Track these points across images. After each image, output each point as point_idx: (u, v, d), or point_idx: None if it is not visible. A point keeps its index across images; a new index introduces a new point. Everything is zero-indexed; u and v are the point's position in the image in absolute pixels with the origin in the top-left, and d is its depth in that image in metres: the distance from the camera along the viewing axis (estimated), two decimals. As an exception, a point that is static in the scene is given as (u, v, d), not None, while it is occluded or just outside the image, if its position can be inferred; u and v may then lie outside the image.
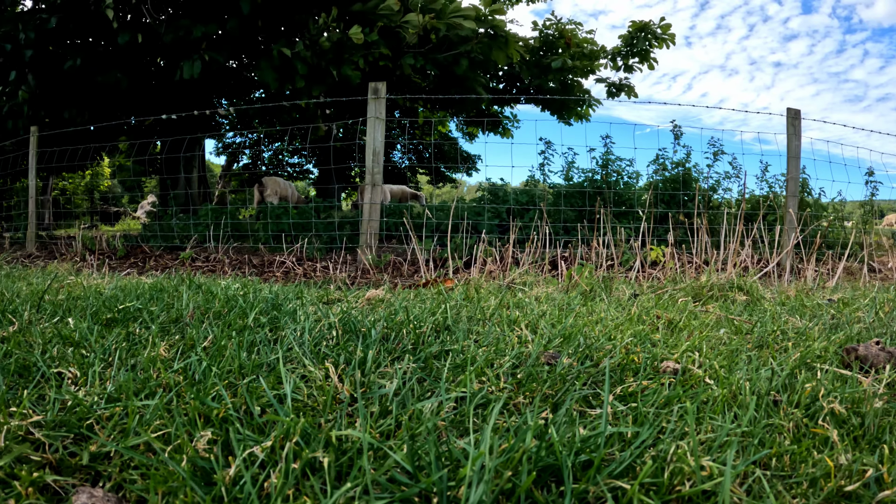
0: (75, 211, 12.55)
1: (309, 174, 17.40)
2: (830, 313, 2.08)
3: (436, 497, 0.65)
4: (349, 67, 6.26)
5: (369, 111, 4.47)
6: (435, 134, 13.81)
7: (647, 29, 8.89)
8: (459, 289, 2.43)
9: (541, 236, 3.94)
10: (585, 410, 0.98)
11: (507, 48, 7.09)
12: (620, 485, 0.68)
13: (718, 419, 0.92)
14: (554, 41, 8.82)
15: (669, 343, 1.43)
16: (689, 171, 5.97)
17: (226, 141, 16.24)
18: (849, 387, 1.09)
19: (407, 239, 4.89)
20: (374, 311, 1.70)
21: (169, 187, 9.53)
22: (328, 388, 0.95)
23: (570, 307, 1.99)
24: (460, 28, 6.55)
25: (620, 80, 9.70)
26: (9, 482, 0.67)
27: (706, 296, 2.56)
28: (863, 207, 6.44)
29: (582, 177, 6.21)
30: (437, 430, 0.84)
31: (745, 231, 3.66)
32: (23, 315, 1.50)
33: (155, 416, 0.82)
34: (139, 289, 2.07)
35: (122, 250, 5.31)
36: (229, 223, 5.73)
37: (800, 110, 4.73)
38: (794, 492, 0.73)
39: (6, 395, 0.89)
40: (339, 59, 6.30)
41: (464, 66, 7.01)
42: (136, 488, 0.68)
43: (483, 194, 6.43)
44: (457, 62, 7.00)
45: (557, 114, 10.31)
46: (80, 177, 16.99)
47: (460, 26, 6.52)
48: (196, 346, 1.22)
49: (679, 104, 7.45)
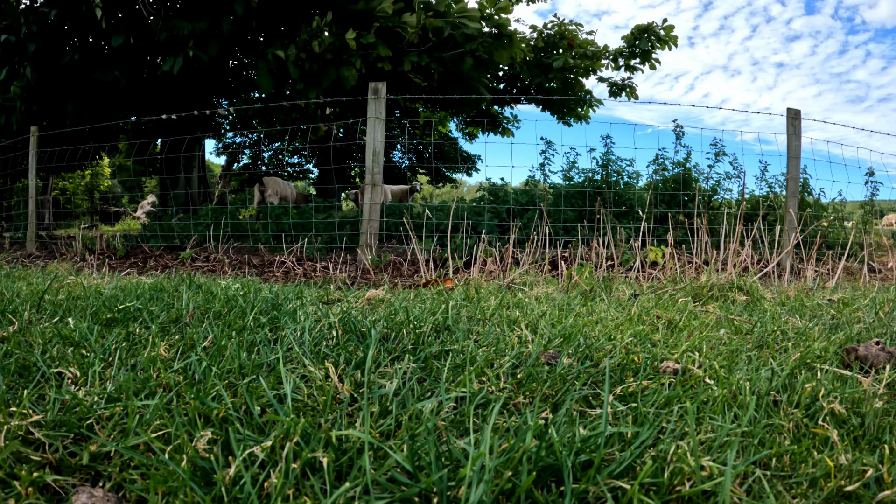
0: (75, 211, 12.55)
1: (309, 174, 17.40)
2: (830, 313, 2.08)
3: (436, 497, 0.65)
4: (346, 69, 6.26)
5: (369, 111, 4.47)
6: (435, 134, 13.81)
7: (650, 30, 8.93)
8: (459, 289, 2.43)
9: (541, 236, 3.94)
10: (585, 410, 0.98)
11: (510, 48, 7.10)
12: (620, 485, 0.68)
13: (718, 419, 0.92)
14: (556, 41, 8.83)
15: (669, 343, 1.43)
16: (690, 171, 5.98)
17: (226, 141, 16.24)
18: (849, 387, 1.09)
19: (407, 239, 4.90)
20: (374, 311, 1.70)
21: (169, 187, 9.53)
22: (328, 388, 0.95)
23: (570, 307, 1.99)
24: (465, 27, 6.56)
25: (623, 79, 9.72)
26: (9, 482, 0.67)
27: (706, 296, 2.56)
28: (863, 207, 6.44)
29: (582, 177, 6.21)
30: (437, 430, 0.84)
31: (745, 231, 3.66)
32: (23, 315, 1.50)
33: (155, 416, 0.82)
34: (139, 289, 2.07)
35: (122, 250, 5.31)
36: (229, 223, 5.73)
37: (800, 110, 4.73)
38: (794, 492, 0.73)
39: (6, 394, 0.89)
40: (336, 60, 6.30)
41: (468, 64, 7.01)
42: (136, 488, 0.68)
43: (483, 194, 6.43)
44: (461, 60, 7.01)
45: (558, 114, 10.32)
46: (80, 177, 16.99)
47: (465, 25, 6.54)
48: (196, 346, 1.22)
49: (679, 104, 7.46)
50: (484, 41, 6.88)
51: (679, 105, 5.80)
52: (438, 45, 6.91)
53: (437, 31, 6.63)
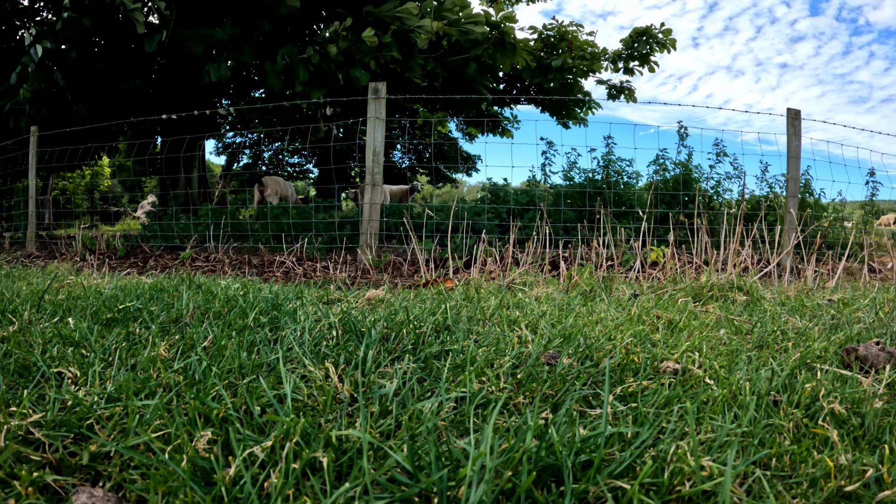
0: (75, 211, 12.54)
1: (309, 174, 17.41)
2: (830, 313, 2.08)
3: (436, 497, 0.65)
4: (358, 70, 6.28)
5: (369, 111, 4.47)
6: (435, 134, 13.81)
7: (648, 34, 8.96)
8: (459, 289, 2.43)
9: (541, 236, 3.94)
10: (585, 410, 0.98)
11: (513, 56, 7.13)
12: (620, 485, 0.68)
13: (718, 419, 0.92)
14: (556, 43, 8.85)
15: (669, 343, 1.43)
16: (690, 171, 5.97)
17: (226, 141, 16.25)
18: (849, 387, 1.09)
19: (407, 239, 4.89)
20: (374, 311, 1.70)
21: (169, 187, 9.53)
22: (328, 388, 0.95)
23: (570, 307, 1.99)
24: (471, 32, 6.60)
25: (621, 82, 9.73)
26: (9, 482, 0.67)
27: (706, 296, 2.56)
28: (863, 208, 6.44)
29: (583, 177, 6.21)
30: (437, 430, 0.84)
31: (745, 231, 3.66)
32: (23, 315, 1.50)
33: (155, 416, 0.82)
34: (139, 289, 2.07)
35: (122, 250, 5.31)
36: (229, 223, 5.73)
37: (800, 111, 4.73)
38: (794, 492, 0.73)
39: (6, 394, 0.89)
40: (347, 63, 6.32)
41: (473, 69, 7.06)
42: (136, 488, 0.68)
43: (483, 194, 6.43)
44: (466, 65, 7.06)
45: (557, 115, 10.32)
46: (80, 176, 16.99)
47: (471, 31, 6.58)
48: (196, 345, 1.22)
49: (680, 104, 7.46)
50: (488, 47, 6.92)
51: (679, 105, 5.80)
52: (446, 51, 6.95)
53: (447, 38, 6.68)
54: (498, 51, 7.01)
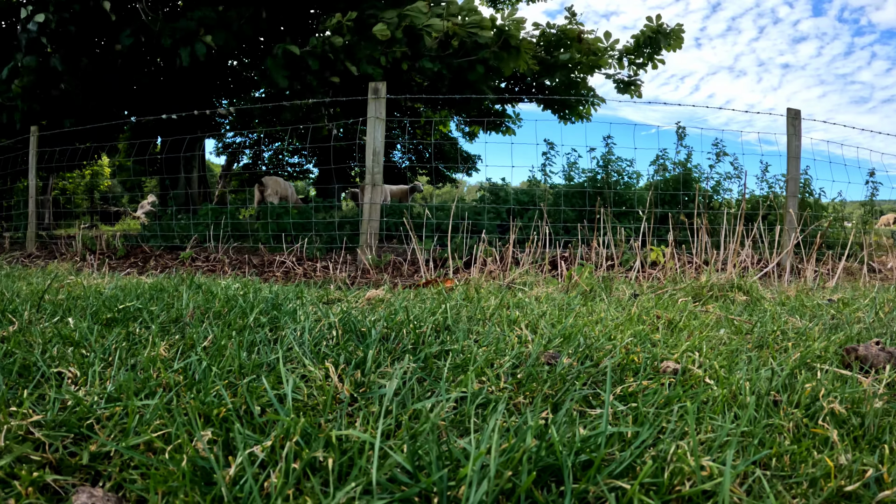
0: (75, 211, 12.54)
1: (309, 174, 17.40)
2: (830, 313, 2.08)
3: (436, 497, 0.65)
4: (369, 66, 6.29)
5: (369, 111, 4.46)
6: (435, 134, 13.81)
7: (661, 31, 8.93)
8: (459, 289, 2.43)
9: (541, 236, 3.94)
10: (585, 410, 0.98)
11: (517, 59, 7.14)
12: (620, 485, 0.68)
13: (718, 419, 0.92)
14: (561, 40, 8.83)
15: (669, 343, 1.43)
16: (690, 171, 5.97)
17: (226, 141, 16.24)
18: (849, 387, 1.09)
19: (407, 239, 4.89)
20: (374, 311, 1.70)
21: (169, 187, 9.53)
22: (328, 387, 0.95)
23: (570, 307, 1.99)
24: (478, 36, 6.62)
25: (630, 76, 9.70)
26: (9, 482, 0.67)
27: (706, 296, 2.56)
28: (863, 207, 6.44)
29: (583, 177, 6.21)
30: (437, 429, 0.84)
31: (745, 231, 3.65)
32: (23, 315, 1.50)
33: (155, 416, 0.82)
34: (139, 289, 2.07)
35: (122, 250, 5.31)
36: (229, 223, 5.73)
37: (800, 111, 4.73)
38: (794, 492, 0.73)
39: (6, 394, 0.89)
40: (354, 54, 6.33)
41: (479, 72, 7.09)
42: (136, 488, 0.68)
43: (483, 194, 6.42)
44: (472, 68, 7.09)
45: (559, 112, 10.31)
46: (80, 176, 16.98)
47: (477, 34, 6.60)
48: (196, 345, 1.22)
49: (680, 104, 7.46)
50: (493, 50, 6.93)
51: (679, 105, 5.80)
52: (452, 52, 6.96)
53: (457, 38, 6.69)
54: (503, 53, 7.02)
